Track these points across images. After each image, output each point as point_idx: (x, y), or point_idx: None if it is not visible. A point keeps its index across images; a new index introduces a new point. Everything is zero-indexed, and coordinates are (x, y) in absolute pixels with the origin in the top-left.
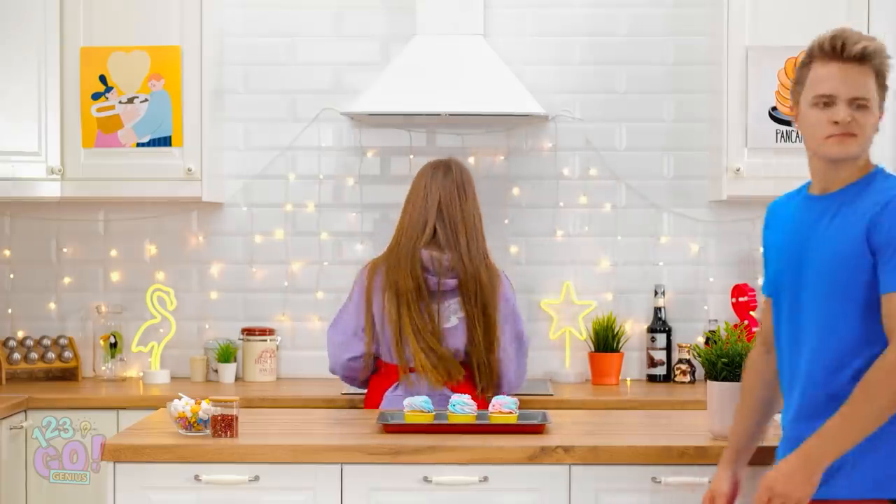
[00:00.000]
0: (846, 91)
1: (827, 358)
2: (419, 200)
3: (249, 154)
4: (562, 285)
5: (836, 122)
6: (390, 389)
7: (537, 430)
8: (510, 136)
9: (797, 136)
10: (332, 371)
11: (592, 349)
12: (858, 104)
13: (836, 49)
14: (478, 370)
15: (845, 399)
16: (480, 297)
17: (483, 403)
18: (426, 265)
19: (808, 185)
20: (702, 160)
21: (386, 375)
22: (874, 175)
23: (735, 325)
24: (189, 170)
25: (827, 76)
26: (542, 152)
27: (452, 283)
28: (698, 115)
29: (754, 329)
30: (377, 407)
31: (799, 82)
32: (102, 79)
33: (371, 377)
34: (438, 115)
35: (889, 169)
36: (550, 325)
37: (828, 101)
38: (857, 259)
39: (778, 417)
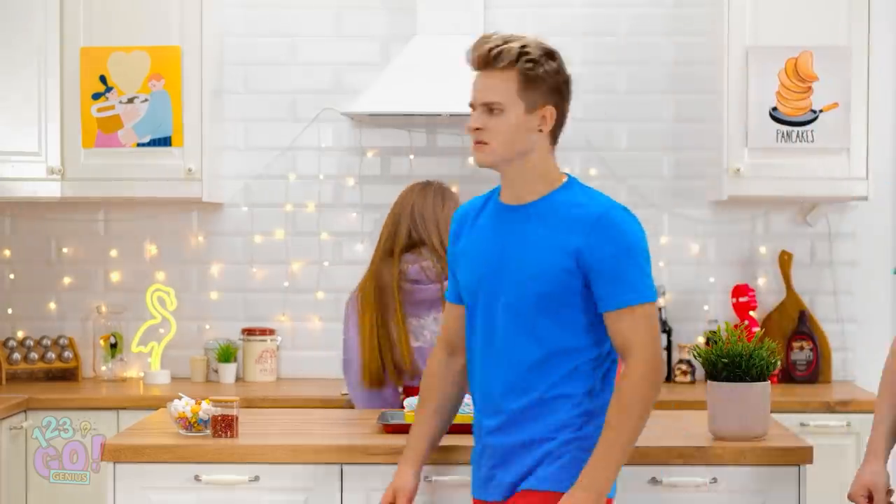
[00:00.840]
0: (478, 97)
1: (519, 368)
2: (394, 211)
3: (249, 154)
4: None
5: (472, 130)
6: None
7: None
8: None
9: (797, 136)
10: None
11: None
12: (491, 108)
13: (468, 60)
14: None
15: (545, 408)
16: None
17: None
18: (413, 276)
19: (498, 192)
20: (702, 160)
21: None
22: (568, 186)
23: (735, 326)
24: (189, 170)
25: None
26: None
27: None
28: (698, 115)
29: (755, 329)
30: None
31: None
32: (102, 79)
33: None
34: (438, 115)
35: (890, 177)
36: None
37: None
38: (562, 274)
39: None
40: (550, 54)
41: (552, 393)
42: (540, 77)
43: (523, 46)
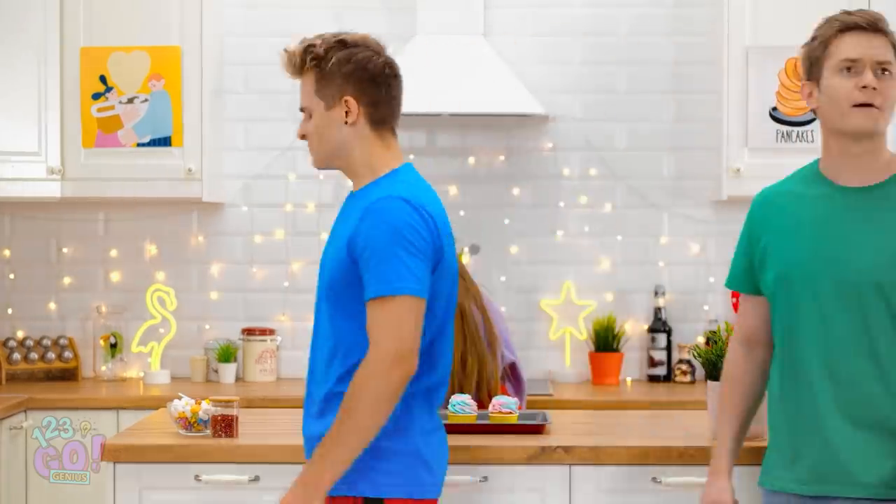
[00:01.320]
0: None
1: (321, 358)
2: None
3: (249, 154)
4: (562, 285)
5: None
6: None
7: (537, 430)
8: (510, 136)
9: (797, 136)
10: None
11: (593, 349)
12: (306, 113)
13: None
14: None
15: (330, 404)
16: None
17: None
18: None
19: None
20: (702, 160)
21: None
22: (388, 176)
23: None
24: (189, 170)
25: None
26: (542, 152)
27: None
28: (698, 115)
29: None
30: None
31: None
32: (102, 79)
33: None
34: (438, 115)
35: None
36: (550, 326)
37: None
38: (342, 264)
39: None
40: (342, 43)
41: (337, 389)
42: (330, 71)
43: (309, 45)
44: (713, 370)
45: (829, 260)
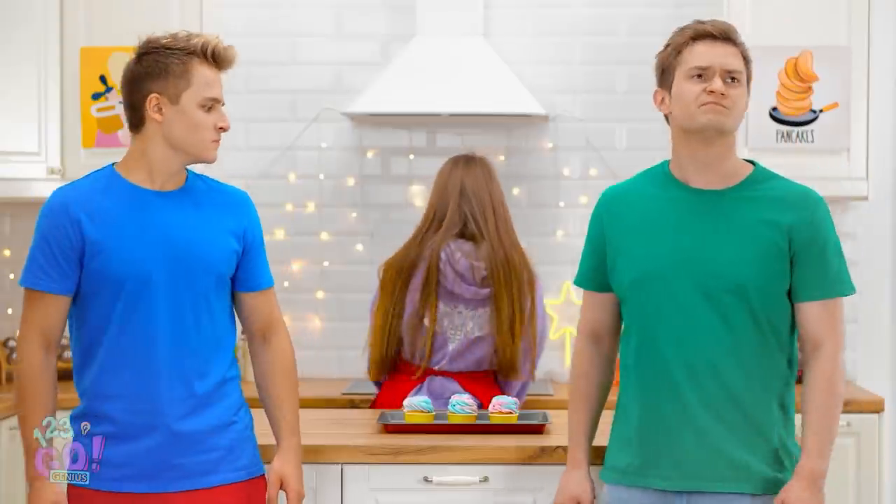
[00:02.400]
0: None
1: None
2: (439, 189)
3: (249, 154)
4: (562, 285)
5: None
6: (411, 393)
7: (537, 430)
8: (510, 136)
9: (797, 136)
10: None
11: None
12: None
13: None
14: (500, 362)
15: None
16: (515, 284)
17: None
18: (460, 269)
19: None
20: None
21: (406, 376)
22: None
23: None
24: None
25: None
26: (542, 152)
27: (485, 292)
28: None
29: None
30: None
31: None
32: (102, 79)
33: (385, 380)
34: (438, 115)
35: (890, 177)
36: (551, 326)
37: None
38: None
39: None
40: (139, 50)
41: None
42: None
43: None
44: None
45: (689, 262)
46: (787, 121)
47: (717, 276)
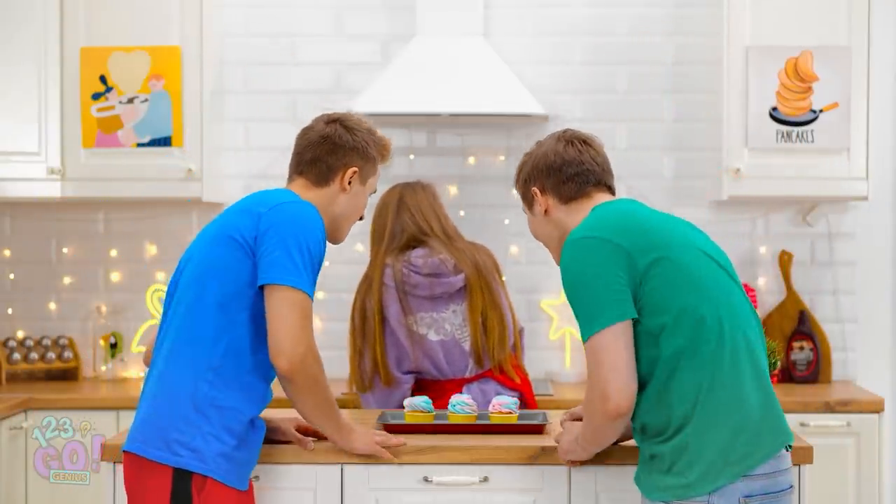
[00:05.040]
0: None
1: None
2: (378, 209)
3: (249, 154)
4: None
5: None
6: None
7: (537, 430)
8: (510, 136)
9: (797, 136)
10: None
11: None
12: None
13: None
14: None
15: None
16: (484, 283)
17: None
18: (432, 270)
19: None
20: (702, 160)
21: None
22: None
23: None
24: (189, 170)
25: None
26: None
27: (460, 279)
28: (698, 115)
29: None
30: None
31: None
32: (102, 79)
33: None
34: (438, 115)
35: (890, 177)
36: (551, 325)
37: None
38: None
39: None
40: (345, 121)
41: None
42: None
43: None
44: None
45: None
46: (788, 121)
47: None
